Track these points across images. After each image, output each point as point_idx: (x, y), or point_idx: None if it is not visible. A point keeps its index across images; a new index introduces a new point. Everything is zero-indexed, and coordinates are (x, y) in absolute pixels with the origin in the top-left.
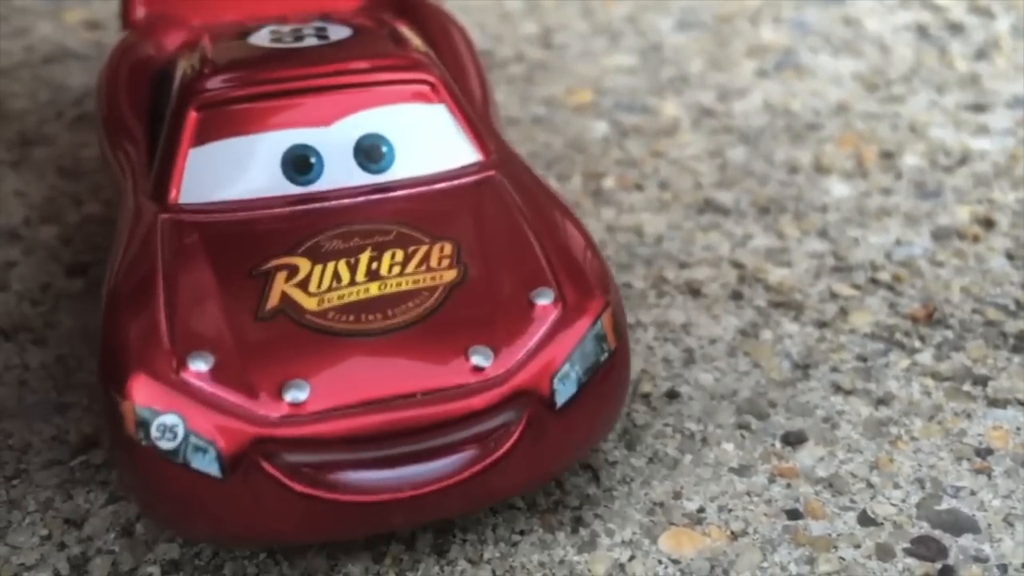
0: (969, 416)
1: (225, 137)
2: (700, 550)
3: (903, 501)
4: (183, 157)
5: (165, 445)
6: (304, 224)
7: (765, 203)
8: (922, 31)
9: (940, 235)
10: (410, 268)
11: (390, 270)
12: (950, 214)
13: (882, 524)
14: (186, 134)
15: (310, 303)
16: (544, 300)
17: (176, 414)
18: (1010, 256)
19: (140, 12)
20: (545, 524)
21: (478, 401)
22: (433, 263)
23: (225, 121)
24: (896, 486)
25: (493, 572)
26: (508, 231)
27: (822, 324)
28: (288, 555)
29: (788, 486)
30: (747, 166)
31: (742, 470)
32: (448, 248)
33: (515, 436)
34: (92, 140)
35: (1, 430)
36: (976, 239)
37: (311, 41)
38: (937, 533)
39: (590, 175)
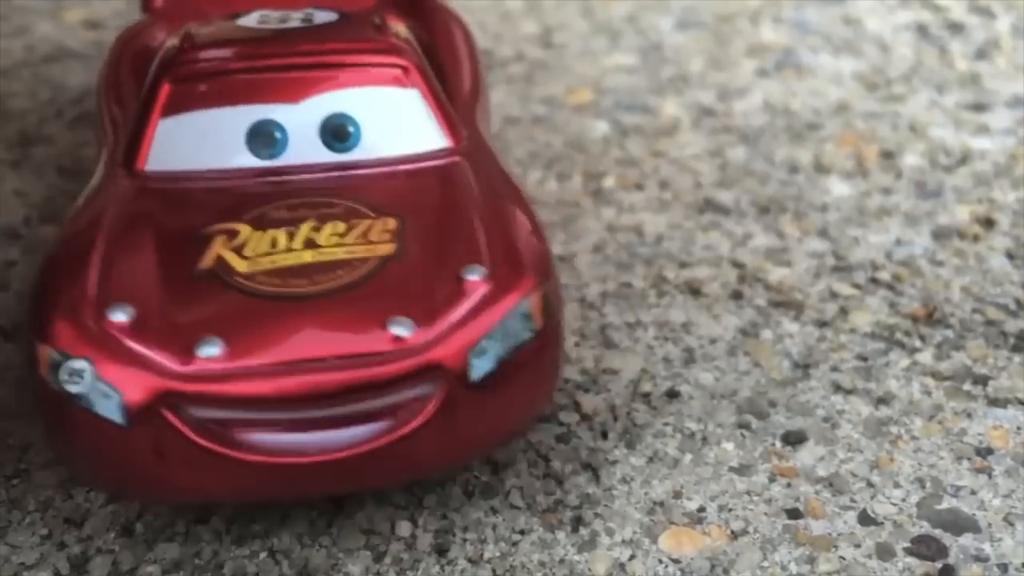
0: (969, 415)
1: (194, 109)
2: (700, 549)
3: (903, 500)
4: (153, 126)
5: (72, 388)
6: (258, 196)
7: (765, 203)
8: (922, 30)
9: (940, 235)
10: (349, 239)
11: (328, 240)
12: (950, 214)
13: (882, 523)
14: (157, 104)
15: (241, 265)
16: (473, 276)
17: (86, 359)
18: (1010, 256)
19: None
20: (545, 523)
21: (390, 369)
22: (373, 236)
23: (196, 94)
24: (896, 485)
25: (493, 571)
26: (454, 212)
27: (822, 323)
28: (288, 554)
29: (788, 485)
30: (747, 166)
31: (742, 469)
32: (392, 224)
33: (428, 409)
34: (92, 139)
35: (1, 429)
36: (976, 239)
37: (294, 24)
38: (937, 532)
39: (590, 175)
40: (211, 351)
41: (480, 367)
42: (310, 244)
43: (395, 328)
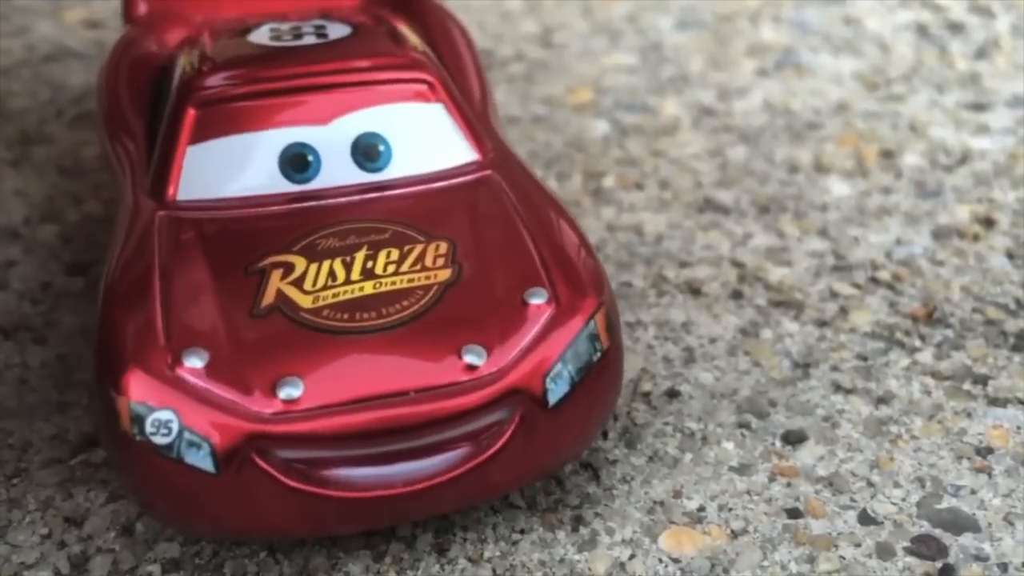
0: (969, 415)
1: (223, 135)
2: (700, 549)
3: (903, 500)
4: (181, 154)
5: (160, 440)
6: (301, 222)
7: (765, 202)
8: (922, 30)
9: (940, 234)
10: (405, 267)
11: (385, 269)
12: (950, 213)
13: (882, 523)
14: (184, 131)
15: (305, 301)
16: (538, 300)
17: (171, 410)
18: (1010, 255)
19: (142, 8)
20: (545, 523)
21: (470, 399)
22: (428, 262)
23: (223, 119)
24: (896, 485)
25: (493, 571)
26: (503, 231)
27: (822, 323)
28: (288, 553)
29: (788, 485)
30: (747, 165)
31: (742, 469)
32: (443, 247)
33: (507, 434)
34: (92, 139)
35: (1, 429)
36: (976, 238)
37: (310, 39)
38: (937, 532)
39: (590, 174)
40: (292, 392)
41: (556, 391)
42: (368, 274)
43: (468, 357)
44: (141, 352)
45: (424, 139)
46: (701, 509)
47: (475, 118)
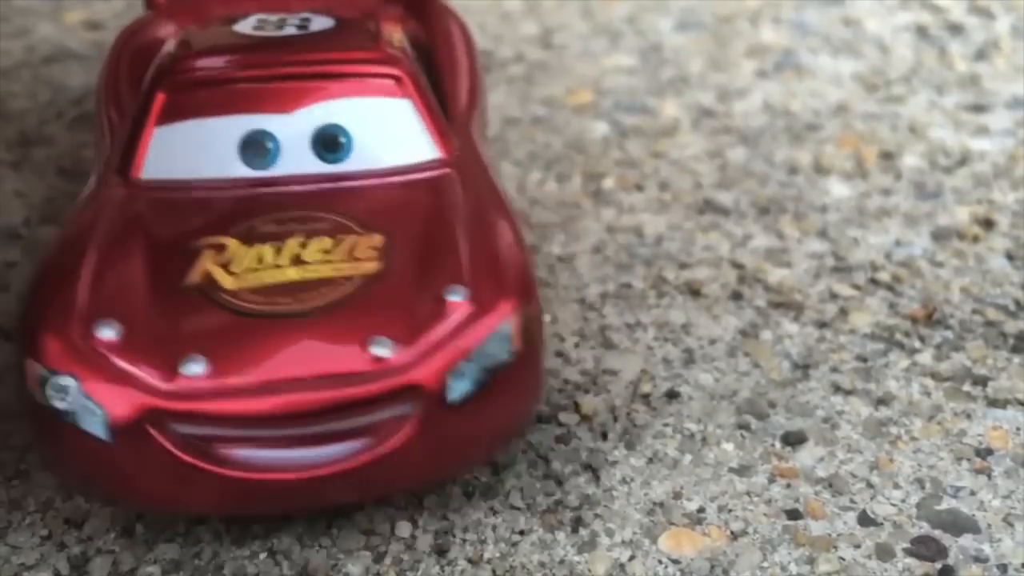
0: (969, 416)
1: (188, 118)
2: (700, 550)
3: (903, 501)
4: (148, 135)
5: (58, 404)
6: (248, 207)
7: (765, 203)
8: (922, 32)
9: (940, 235)
10: (334, 256)
11: (314, 256)
12: (950, 214)
13: (882, 524)
14: (152, 113)
15: (228, 281)
16: (455, 297)
17: (71, 375)
18: (1010, 256)
19: None
20: (545, 524)
21: (368, 389)
22: (358, 253)
23: (190, 103)
24: (896, 486)
25: (493, 572)
26: (438, 228)
27: (822, 324)
28: (288, 554)
29: (788, 486)
30: (747, 166)
31: (742, 470)
32: (377, 240)
33: (406, 429)
34: (91, 140)
35: (1, 430)
36: (976, 239)
37: (291, 31)
38: (937, 533)
39: (590, 175)
40: (195, 368)
41: (457, 388)
42: (296, 260)
43: (375, 348)
44: (56, 318)
45: (387, 134)
46: (701, 510)
47: (447, 116)
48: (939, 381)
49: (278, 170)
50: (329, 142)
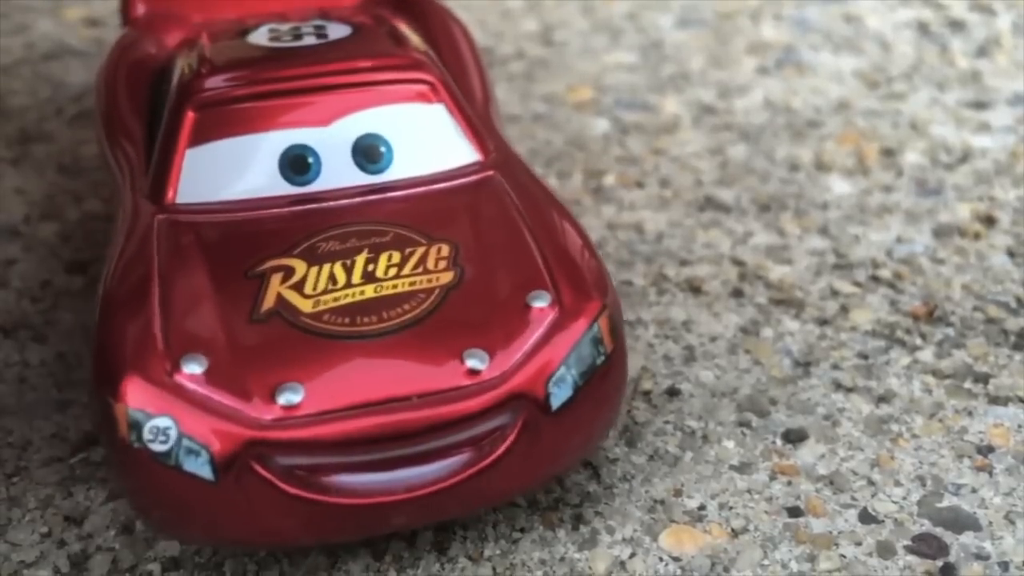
0: (970, 414)
1: (223, 137)
2: (701, 548)
3: (904, 499)
4: (180, 157)
5: (158, 448)
6: (301, 225)
7: (766, 200)
8: (923, 28)
9: (941, 232)
10: (406, 270)
11: (386, 272)
12: (951, 211)
13: (883, 522)
14: (183, 134)
15: (305, 305)
16: (540, 303)
17: (169, 417)
18: (1011, 253)
19: (140, 8)
20: (546, 521)
21: (472, 404)
22: (430, 265)
23: (223, 121)
24: (897, 484)
25: (494, 569)
26: (506, 233)
27: (823, 321)
28: (288, 553)
29: (789, 484)
30: (748, 163)
31: (743, 468)
32: (445, 250)
33: (510, 439)
34: (92, 137)
35: (1, 427)
36: (977, 236)
37: (310, 40)
38: (938, 531)
39: (591, 172)
40: (292, 397)
41: (559, 395)
42: (369, 278)
43: (471, 361)
44: (139, 358)
45: (425, 140)
46: (702, 508)
47: (477, 119)
48: (940, 378)
49: (320, 185)
50: (369, 152)
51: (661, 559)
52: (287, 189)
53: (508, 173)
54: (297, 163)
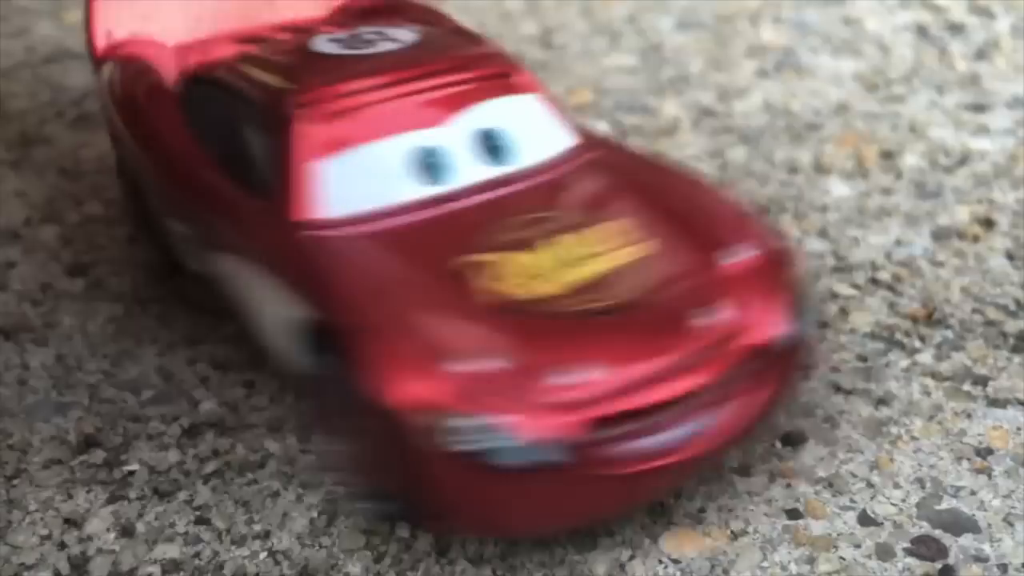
0: (969, 416)
1: (349, 148)
2: (700, 550)
3: (903, 501)
4: (309, 173)
5: (479, 446)
6: (469, 221)
7: (765, 203)
8: (922, 31)
9: (940, 235)
10: (599, 248)
11: (583, 252)
12: (950, 214)
13: (882, 524)
14: (304, 150)
15: (525, 293)
16: (738, 258)
17: (483, 415)
18: (1010, 256)
19: (102, 44)
20: None
21: (732, 356)
22: (618, 240)
23: (346, 132)
24: (896, 486)
25: (493, 571)
26: (661, 200)
27: (822, 324)
28: (288, 554)
29: (788, 486)
30: (747, 166)
31: (742, 470)
32: (619, 225)
33: (760, 385)
34: (92, 140)
35: (1, 430)
36: (976, 239)
37: (387, 45)
38: (937, 533)
39: None
40: (578, 378)
41: (790, 334)
42: (571, 260)
43: (711, 317)
44: (421, 368)
45: (532, 128)
46: (701, 510)
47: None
48: (939, 381)
49: (453, 183)
50: (489, 146)
51: (661, 561)
52: (423, 191)
53: (611, 151)
54: (427, 164)
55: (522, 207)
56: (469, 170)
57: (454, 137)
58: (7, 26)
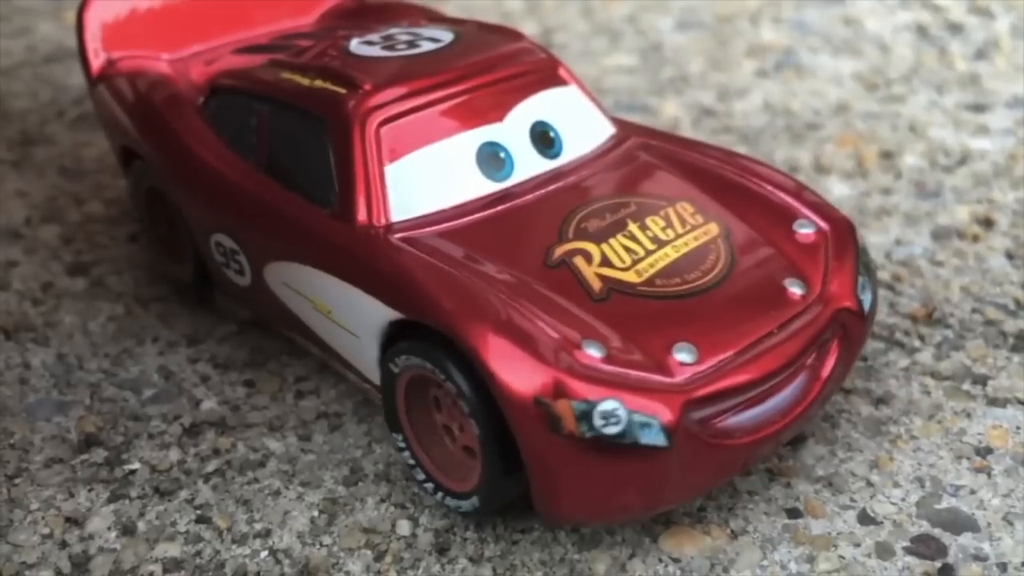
0: (969, 415)
1: (416, 148)
2: (700, 549)
3: (903, 500)
4: (382, 175)
5: (610, 430)
6: (544, 213)
7: None
8: (922, 31)
9: (940, 235)
10: (680, 229)
11: (666, 234)
12: (950, 214)
13: (882, 523)
14: (377, 153)
15: (631, 277)
16: (807, 229)
17: (612, 399)
18: (1009, 256)
19: (97, 63)
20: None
21: (818, 323)
22: (692, 221)
23: (411, 133)
24: (896, 485)
25: (494, 570)
26: (724, 180)
27: None
28: (289, 553)
29: (788, 485)
30: None
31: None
32: (689, 206)
33: (840, 348)
34: (93, 140)
35: (2, 429)
36: (976, 239)
37: (428, 46)
38: (937, 532)
39: None
40: (688, 356)
41: (866, 300)
42: (659, 242)
43: (793, 288)
44: (555, 355)
45: (576, 120)
46: (701, 509)
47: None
48: (939, 380)
49: (516, 177)
50: (544, 139)
51: (661, 560)
52: (491, 186)
53: (648, 137)
54: (493, 160)
55: (594, 196)
56: (528, 162)
57: (513, 131)
58: (8, 26)
